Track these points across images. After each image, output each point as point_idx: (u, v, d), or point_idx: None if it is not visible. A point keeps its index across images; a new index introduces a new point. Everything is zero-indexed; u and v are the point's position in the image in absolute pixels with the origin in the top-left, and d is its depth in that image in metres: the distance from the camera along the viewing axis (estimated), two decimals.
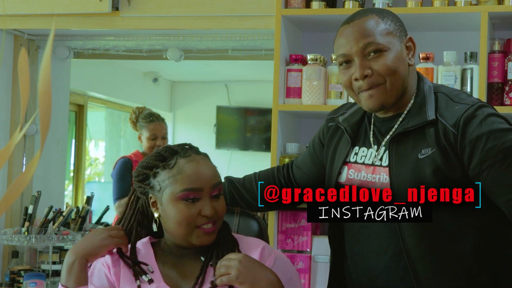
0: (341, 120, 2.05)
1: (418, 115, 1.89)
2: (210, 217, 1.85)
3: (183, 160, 1.88)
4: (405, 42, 1.91)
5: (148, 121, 4.24)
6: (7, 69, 3.80)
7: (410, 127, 1.89)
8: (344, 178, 1.99)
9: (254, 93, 7.47)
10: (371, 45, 1.87)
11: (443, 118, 1.86)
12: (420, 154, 1.87)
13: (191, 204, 1.85)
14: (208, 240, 1.87)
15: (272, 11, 2.89)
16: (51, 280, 3.37)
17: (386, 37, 1.88)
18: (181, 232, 1.86)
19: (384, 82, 1.88)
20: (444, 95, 1.91)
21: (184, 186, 1.85)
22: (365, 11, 1.94)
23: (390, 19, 1.91)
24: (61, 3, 3.47)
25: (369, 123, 2.00)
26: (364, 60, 1.87)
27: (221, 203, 1.89)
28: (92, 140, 7.09)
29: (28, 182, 1.00)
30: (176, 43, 3.82)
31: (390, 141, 1.91)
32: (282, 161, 2.80)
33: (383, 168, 1.92)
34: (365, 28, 1.88)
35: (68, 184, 6.15)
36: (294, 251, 2.65)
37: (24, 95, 1.01)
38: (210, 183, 1.87)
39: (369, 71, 1.87)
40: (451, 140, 1.84)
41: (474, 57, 2.71)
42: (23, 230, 3.31)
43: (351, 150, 2.01)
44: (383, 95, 1.88)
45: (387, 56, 1.87)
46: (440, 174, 1.84)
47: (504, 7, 2.69)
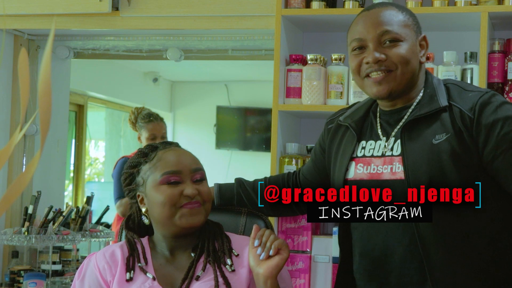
0: (342, 118, 2.06)
1: (429, 104, 1.91)
2: (193, 197, 1.90)
3: (161, 151, 1.97)
4: (419, 39, 1.95)
5: (147, 121, 4.24)
6: (7, 69, 3.80)
7: (422, 114, 1.90)
8: (352, 173, 1.99)
9: (254, 93, 7.47)
10: (388, 33, 1.90)
11: (457, 104, 1.89)
12: (435, 139, 1.87)
13: (173, 186, 1.91)
14: (192, 221, 1.90)
15: (272, 11, 2.89)
16: (51, 280, 3.37)
17: (403, 28, 1.91)
18: (166, 214, 1.90)
19: (395, 69, 1.90)
20: (455, 86, 1.95)
21: (163, 170, 1.92)
22: (384, 3, 1.98)
23: (409, 13, 1.95)
24: (61, 3, 3.47)
25: (375, 117, 2.01)
26: (379, 47, 1.90)
27: (205, 187, 1.95)
28: (92, 140, 7.09)
29: (28, 182, 1.00)
30: (176, 43, 3.82)
31: (402, 130, 1.92)
32: (282, 161, 2.80)
33: (395, 157, 1.91)
34: (384, 17, 1.91)
35: (68, 184, 6.16)
36: (294, 251, 2.65)
37: (24, 95, 1.01)
38: (190, 166, 1.94)
39: (382, 56, 1.89)
40: (467, 124, 1.86)
41: (474, 57, 2.71)
42: (23, 230, 3.31)
43: (357, 145, 2.00)
44: (393, 82, 1.90)
45: (402, 46, 1.90)
46: (457, 159, 1.84)
47: (504, 7, 2.69)
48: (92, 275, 1.92)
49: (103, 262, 1.92)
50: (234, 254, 1.92)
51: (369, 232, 1.96)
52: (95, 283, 1.90)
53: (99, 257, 1.94)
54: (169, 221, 1.91)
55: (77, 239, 3.39)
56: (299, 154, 2.84)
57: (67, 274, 3.46)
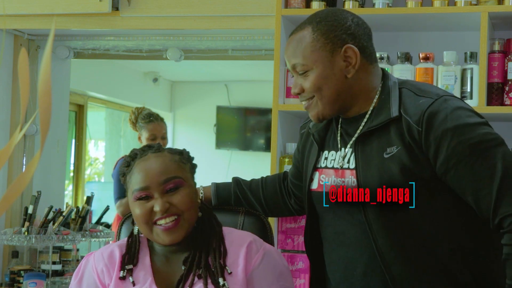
0: (311, 125, 2.03)
1: (382, 113, 1.85)
2: (164, 211, 1.84)
3: (137, 161, 1.92)
4: (342, 53, 1.86)
5: (147, 121, 4.24)
6: (7, 69, 3.80)
7: (374, 126, 1.85)
8: (316, 184, 1.97)
9: (254, 93, 7.47)
10: (297, 66, 1.88)
11: (407, 114, 1.81)
12: (386, 153, 1.82)
13: (144, 203, 1.87)
14: (170, 239, 1.85)
15: (272, 11, 2.89)
16: (51, 280, 3.37)
17: (311, 54, 1.86)
18: (143, 230, 1.89)
19: (313, 97, 1.89)
20: (408, 90, 1.86)
21: (133, 187, 1.89)
22: (305, 22, 1.91)
23: (324, 30, 1.87)
24: (61, 3, 3.47)
25: (337, 125, 1.97)
26: (298, 78, 1.90)
27: (179, 196, 1.87)
28: (92, 140, 7.09)
29: (28, 182, 1.00)
30: (176, 43, 3.82)
31: (355, 142, 1.88)
32: (282, 161, 2.80)
33: (350, 170, 1.89)
34: (294, 47, 1.89)
35: (68, 184, 6.15)
36: (294, 251, 2.64)
37: (24, 95, 1.01)
38: (158, 179, 1.87)
39: (296, 90, 1.90)
40: (416, 137, 1.79)
41: (474, 57, 2.71)
42: (23, 230, 3.31)
43: (320, 155, 1.98)
44: (316, 108, 1.89)
45: (311, 76, 1.86)
46: (408, 173, 1.80)
47: (504, 7, 2.69)
48: (90, 278, 1.90)
49: (102, 265, 1.90)
50: (227, 271, 1.84)
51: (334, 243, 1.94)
52: (92, 286, 1.89)
53: (97, 259, 1.92)
54: (148, 236, 1.89)
55: (77, 239, 3.39)
56: None
57: (67, 274, 3.46)
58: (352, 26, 1.87)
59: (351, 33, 1.87)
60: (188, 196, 1.88)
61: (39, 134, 3.75)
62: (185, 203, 1.87)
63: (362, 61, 1.87)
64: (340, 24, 1.87)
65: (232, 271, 1.84)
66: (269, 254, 1.89)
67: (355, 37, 1.87)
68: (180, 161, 1.93)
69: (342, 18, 1.88)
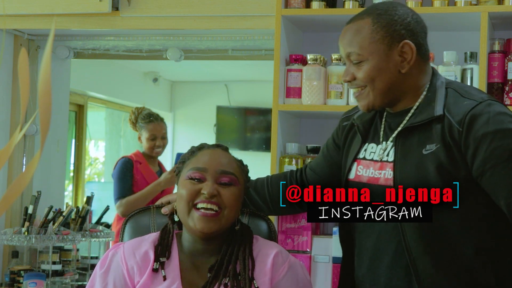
0: (356, 117, 2.06)
1: (427, 110, 1.89)
2: (209, 197, 1.85)
3: (204, 150, 1.96)
4: (399, 48, 1.89)
5: (147, 121, 4.24)
6: (7, 69, 3.80)
7: (416, 122, 1.89)
8: (353, 174, 2.00)
9: (254, 93, 7.47)
10: (352, 54, 1.91)
11: (450, 114, 1.85)
12: (425, 149, 1.86)
13: (194, 183, 1.89)
14: (203, 226, 1.85)
15: (272, 11, 2.89)
16: (51, 280, 3.37)
17: (369, 46, 1.88)
18: (182, 209, 1.88)
19: (365, 87, 1.91)
20: (453, 90, 1.90)
21: (191, 166, 1.92)
22: (364, 12, 1.94)
23: (384, 23, 1.89)
24: (61, 3, 3.47)
25: (381, 118, 2.01)
26: (350, 66, 1.93)
27: (229, 191, 1.89)
28: (92, 140, 7.09)
29: (28, 182, 1.00)
30: (176, 43, 3.82)
31: (397, 136, 1.92)
32: (282, 161, 2.80)
33: (389, 163, 1.92)
34: (351, 36, 1.91)
35: (68, 184, 6.15)
36: (294, 251, 2.65)
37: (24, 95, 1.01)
38: (217, 166, 1.91)
39: (347, 78, 1.93)
40: (456, 137, 1.82)
41: (474, 57, 2.71)
42: (23, 230, 3.31)
43: (362, 146, 2.02)
44: (367, 98, 1.93)
45: (365, 66, 1.89)
46: (444, 172, 1.83)
47: (504, 7, 2.69)
48: (118, 270, 1.87)
49: (133, 262, 1.87)
50: (254, 285, 1.84)
51: (363, 233, 1.97)
52: (120, 280, 1.86)
53: (128, 255, 1.89)
54: (184, 219, 1.89)
55: (77, 239, 3.39)
56: (299, 154, 2.84)
57: (67, 274, 3.46)
58: (411, 23, 1.91)
59: (410, 29, 1.90)
60: (236, 195, 1.91)
61: (39, 134, 3.75)
62: (232, 200, 1.89)
63: (417, 58, 1.90)
64: (401, 19, 1.90)
65: (258, 285, 1.84)
66: (294, 267, 1.91)
67: (413, 33, 1.90)
68: (239, 167, 1.97)
69: (403, 13, 1.91)
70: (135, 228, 2.11)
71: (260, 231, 2.10)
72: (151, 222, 2.12)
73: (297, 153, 2.83)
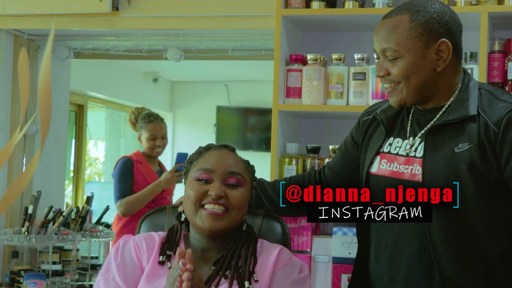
0: (379, 111, 2.06)
1: (460, 109, 1.89)
2: (216, 198, 1.88)
3: (211, 151, 1.98)
4: (436, 46, 1.89)
5: (147, 121, 4.24)
6: (7, 69, 3.80)
7: (450, 120, 1.89)
8: (376, 168, 2.00)
9: (254, 93, 7.47)
10: (388, 50, 1.90)
11: (485, 114, 1.85)
12: (457, 148, 1.86)
13: (202, 184, 1.91)
14: (211, 224, 1.87)
15: (272, 11, 2.89)
16: (51, 280, 3.37)
17: (406, 42, 1.88)
18: (189, 210, 1.91)
19: (399, 83, 1.91)
20: (487, 92, 1.91)
21: (198, 167, 1.94)
22: (402, 8, 1.93)
23: (423, 21, 1.88)
24: (61, 3, 3.47)
25: (408, 114, 2.01)
26: (385, 61, 1.92)
27: (236, 193, 1.91)
28: (92, 140, 7.09)
29: (28, 182, 1.00)
30: (176, 43, 3.82)
31: (428, 132, 1.92)
32: (282, 161, 2.80)
33: (417, 159, 1.92)
34: (388, 31, 1.90)
35: (68, 184, 6.15)
36: (295, 251, 2.65)
37: (24, 95, 1.01)
38: (225, 168, 1.92)
39: (381, 73, 1.92)
40: (491, 138, 1.83)
41: (474, 57, 2.71)
42: (23, 230, 3.31)
43: (385, 140, 2.02)
44: (399, 94, 1.92)
45: (401, 63, 1.89)
46: (475, 171, 1.83)
47: (504, 7, 2.69)
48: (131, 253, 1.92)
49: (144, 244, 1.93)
50: (254, 279, 1.87)
51: (384, 227, 1.97)
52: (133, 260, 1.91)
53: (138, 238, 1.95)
54: (191, 218, 1.91)
55: (77, 239, 3.39)
56: (299, 154, 2.84)
57: (67, 274, 3.46)
58: (449, 21, 1.90)
59: (448, 28, 1.90)
60: (243, 196, 1.93)
61: (39, 134, 3.75)
62: (238, 201, 1.91)
63: (452, 57, 1.91)
64: (439, 17, 1.89)
65: (258, 279, 1.87)
66: (292, 264, 1.92)
67: (450, 32, 1.90)
68: (246, 168, 1.99)
69: (441, 12, 1.90)
70: (150, 228, 2.14)
71: (274, 233, 2.11)
72: (166, 222, 2.15)
73: (297, 153, 2.83)
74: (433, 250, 1.86)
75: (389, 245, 1.96)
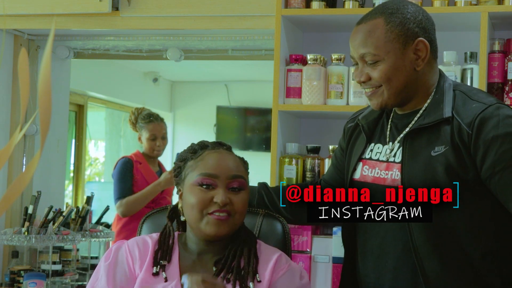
0: (360, 117, 2.07)
1: (435, 112, 1.89)
2: (222, 205, 1.85)
3: (208, 151, 1.94)
4: (413, 46, 1.89)
5: (147, 121, 4.24)
6: (7, 69, 3.80)
7: (425, 124, 1.89)
8: (359, 174, 2.01)
9: (254, 93, 7.47)
10: (367, 55, 1.90)
11: (459, 116, 1.86)
12: (433, 151, 1.86)
13: (205, 190, 1.87)
14: (217, 231, 1.86)
15: (272, 11, 2.89)
16: (51, 280, 3.37)
17: (384, 45, 1.88)
18: (194, 217, 1.87)
19: (380, 86, 1.91)
20: (462, 93, 1.91)
21: (200, 171, 1.89)
22: (375, 12, 1.93)
23: (398, 22, 1.89)
24: (61, 3, 3.47)
25: (387, 119, 2.01)
26: (364, 66, 1.92)
27: (240, 198, 1.89)
28: (92, 140, 7.09)
29: (28, 182, 1.00)
30: (176, 43, 3.82)
31: (405, 137, 1.92)
32: (282, 161, 2.80)
33: (396, 164, 1.93)
34: (365, 36, 1.90)
35: (68, 184, 6.16)
36: (295, 251, 2.64)
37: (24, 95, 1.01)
38: (228, 172, 1.89)
39: (362, 78, 1.92)
40: (465, 139, 1.83)
41: (474, 57, 2.71)
42: (23, 230, 3.31)
43: (367, 146, 2.02)
44: (380, 97, 1.92)
45: (381, 66, 1.89)
46: (452, 173, 1.83)
47: (504, 7, 2.69)
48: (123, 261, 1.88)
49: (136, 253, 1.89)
50: (257, 279, 1.86)
51: (369, 233, 1.98)
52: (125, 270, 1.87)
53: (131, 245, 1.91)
54: (195, 225, 1.88)
55: (77, 239, 3.39)
56: (299, 154, 2.84)
57: (67, 274, 3.46)
58: (423, 20, 1.91)
59: (423, 27, 1.91)
60: (245, 201, 1.92)
61: (39, 134, 3.75)
62: (241, 207, 1.89)
63: (430, 55, 1.92)
64: (413, 17, 1.90)
65: (260, 279, 1.86)
66: (291, 271, 1.91)
67: (426, 30, 1.91)
68: (245, 168, 1.97)
69: (414, 11, 1.91)
70: (152, 228, 2.12)
71: (274, 232, 2.11)
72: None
73: (297, 153, 2.83)
74: (416, 253, 1.86)
75: (374, 251, 1.96)
